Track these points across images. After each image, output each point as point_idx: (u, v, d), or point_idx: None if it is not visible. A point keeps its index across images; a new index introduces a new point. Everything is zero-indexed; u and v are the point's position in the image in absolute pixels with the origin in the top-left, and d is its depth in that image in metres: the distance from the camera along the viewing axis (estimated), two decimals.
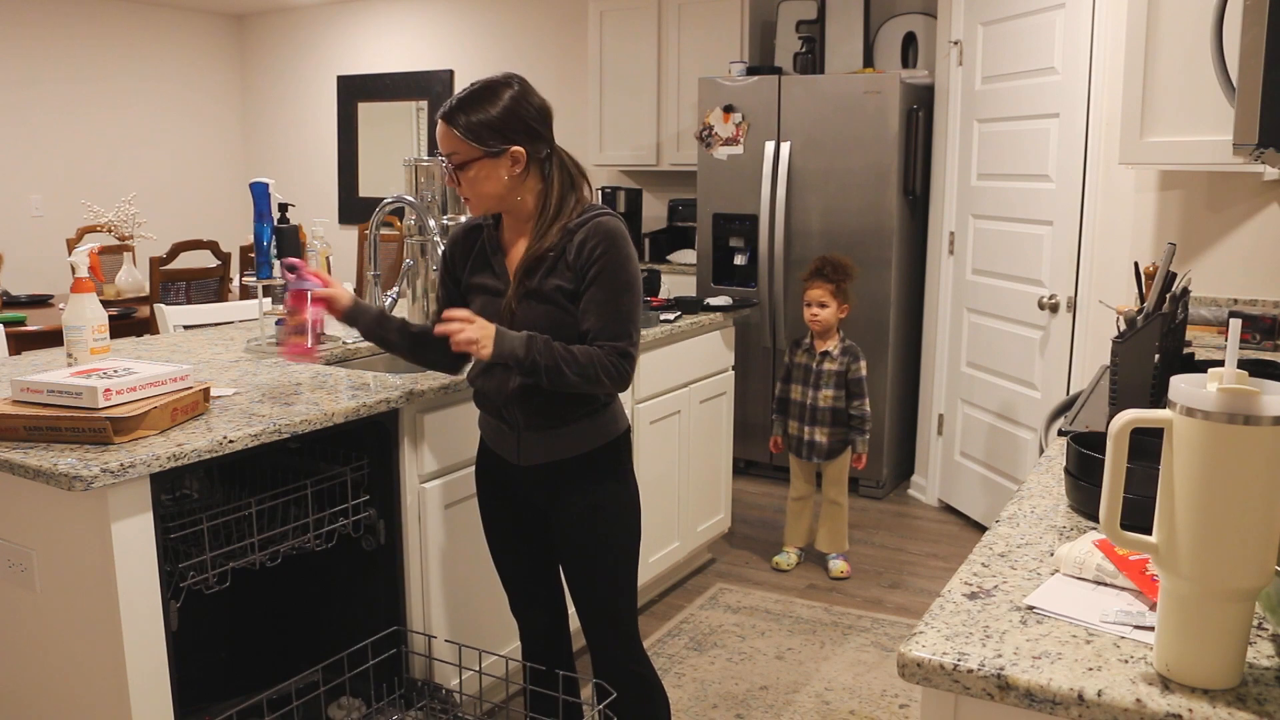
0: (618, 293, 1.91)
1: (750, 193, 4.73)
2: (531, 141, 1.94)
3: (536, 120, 1.95)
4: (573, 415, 1.98)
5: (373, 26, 7.15)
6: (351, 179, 7.39)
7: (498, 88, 1.93)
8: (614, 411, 2.05)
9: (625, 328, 1.91)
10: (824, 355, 3.64)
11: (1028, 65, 3.81)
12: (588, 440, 2.00)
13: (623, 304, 1.91)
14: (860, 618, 3.39)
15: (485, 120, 1.90)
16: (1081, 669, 1.01)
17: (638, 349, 1.94)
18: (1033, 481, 1.63)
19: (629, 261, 1.92)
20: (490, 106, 1.90)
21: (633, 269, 1.93)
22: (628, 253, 1.93)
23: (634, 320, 1.93)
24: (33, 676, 1.95)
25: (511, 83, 1.95)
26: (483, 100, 1.91)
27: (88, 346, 2.21)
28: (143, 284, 5.03)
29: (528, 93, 1.95)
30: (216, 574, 1.98)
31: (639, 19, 5.46)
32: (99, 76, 7.04)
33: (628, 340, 1.91)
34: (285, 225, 2.70)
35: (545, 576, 2.23)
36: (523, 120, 1.92)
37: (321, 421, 2.06)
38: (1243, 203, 2.94)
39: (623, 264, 1.91)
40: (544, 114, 1.97)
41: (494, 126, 1.90)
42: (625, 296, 1.91)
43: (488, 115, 1.90)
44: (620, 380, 1.91)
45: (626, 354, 1.91)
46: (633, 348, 1.92)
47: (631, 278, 1.93)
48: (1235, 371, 0.94)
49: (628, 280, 1.92)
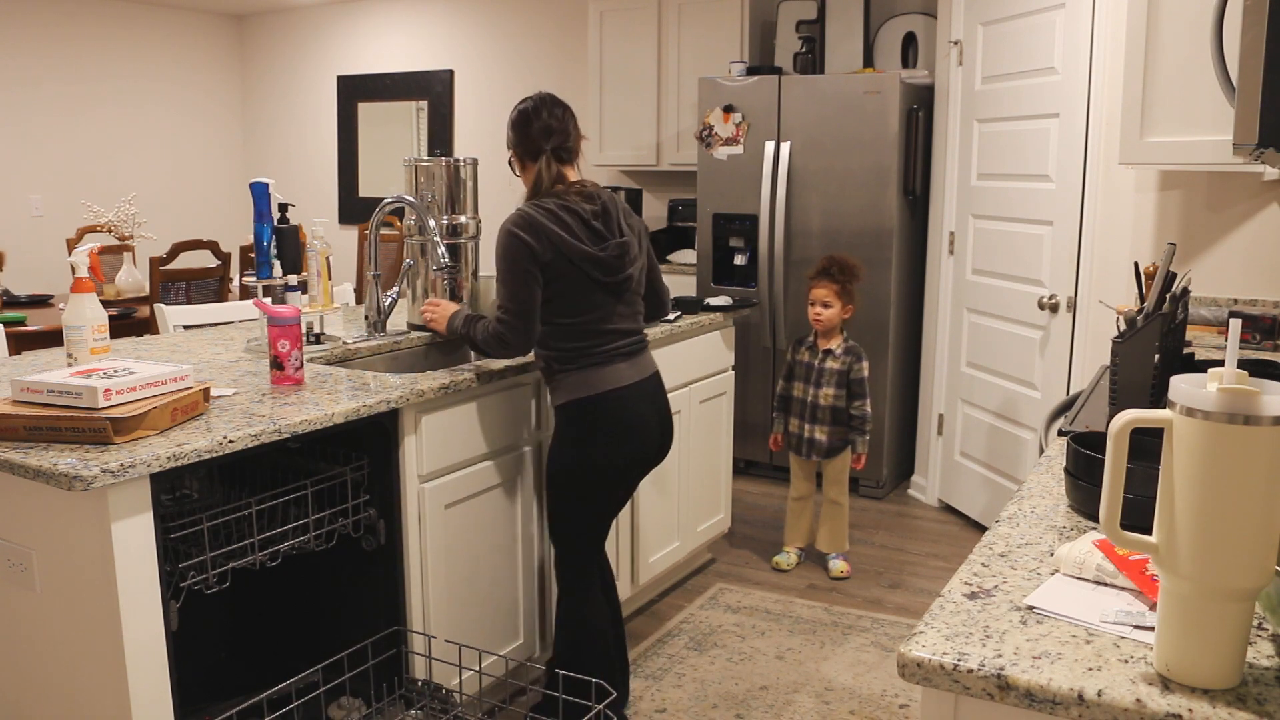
0: (498, 273, 2.41)
1: (750, 193, 4.73)
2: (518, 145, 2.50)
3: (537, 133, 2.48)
4: (545, 375, 2.52)
5: (373, 26, 7.15)
6: (351, 179, 7.39)
7: (522, 103, 2.52)
8: (569, 382, 2.42)
9: (501, 301, 2.39)
10: (827, 354, 3.64)
11: (1028, 65, 3.81)
12: (554, 396, 2.49)
13: (499, 280, 2.40)
14: (860, 618, 3.39)
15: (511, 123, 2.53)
16: (1081, 669, 1.01)
17: (514, 316, 2.36)
18: (1033, 481, 1.63)
19: (500, 246, 2.38)
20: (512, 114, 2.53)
21: (505, 254, 2.36)
22: (501, 240, 2.37)
23: (505, 293, 2.38)
24: (33, 677, 1.95)
25: (530, 100, 2.52)
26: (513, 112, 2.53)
27: (88, 346, 2.21)
28: (143, 284, 5.03)
29: (539, 109, 2.48)
30: (216, 574, 1.98)
31: (639, 19, 5.46)
32: (99, 76, 7.04)
33: (501, 310, 2.39)
34: (285, 225, 2.70)
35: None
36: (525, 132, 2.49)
37: (321, 421, 2.06)
38: (1243, 203, 2.94)
39: (498, 253, 2.38)
40: (546, 130, 2.46)
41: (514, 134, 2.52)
42: (500, 274, 2.39)
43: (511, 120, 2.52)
44: (500, 344, 2.39)
45: (501, 320, 2.38)
46: (505, 315, 2.37)
47: (501, 260, 2.38)
48: (1235, 371, 0.94)
49: (500, 263, 2.39)
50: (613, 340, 2.44)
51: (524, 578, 2.75)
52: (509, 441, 2.64)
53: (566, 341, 2.40)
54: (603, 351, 2.42)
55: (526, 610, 2.77)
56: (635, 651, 3.13)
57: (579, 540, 2.51)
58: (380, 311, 2.92)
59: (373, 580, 2.39)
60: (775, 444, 3.82)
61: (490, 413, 2.56)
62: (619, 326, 2.45)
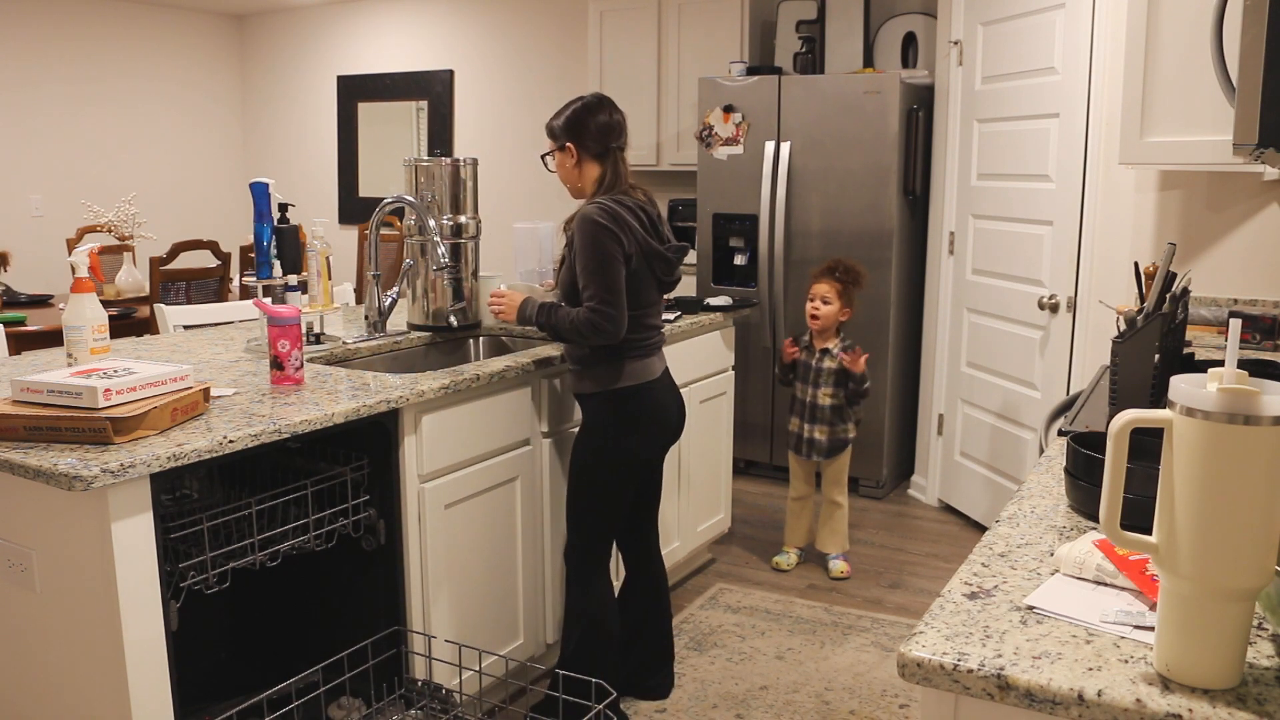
0: (585, 263, 2.41)
1: (750, 193, 4.73)
2: (583, 142, 2.53)
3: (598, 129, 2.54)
4: (583, 363, 2.54)
5: (373, 26, 7.15)
6: (351, 179, 7.39)
7: (579, 99, 2.59)
8: (612, 371, 2.49)
9: (595, 290, 2.40)
10: (824, 353, 3.64)
11: (1028, 65, 3.81)
12: (591, 384, 2.53)
13: (589, 270, 2.41)
14: (860, 618, 3.39)
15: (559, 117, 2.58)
16: (1081, 669, 1.01)
17: (611, 305, 2.39)
18: (1033, 481, 1.63)
19: (588, 237, 2.40)
20: (565, 110, 2.58)
21: (596, 244, 2.39)
22: (589, 231, 2.40)
23: (601, 282, 2.39)
24: (33, 677, 1.95)
25: (587, 97, 2.59)
26: (565, 107, 2.59)
27: (88, 346, 2.21)
28: (143, 284, 5.03)
29: (599, 108, 2.55)
30: (217, 574, 1.98)
31: (639, 19, 5.46)
32: (99, 76, 7.04)
33: (598, 299, 2.40)
34: (285, 225, 2.70)
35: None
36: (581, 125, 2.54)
37: (321, 421, 2.06)
38: (1243, 203, 2.94)
39: (587, 243, 2.40)
40: (608, 128, 2.53)
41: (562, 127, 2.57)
42: (590, 264, 2.40)
43: (564, 115, 2.57)
44: (594, 332, 2.40)
45: (596, 309, 2.40)
46: (603, 304, 2.39)
47: (592, 250, 2.39)
48: (1235, 371, 0.94)
49: (590, 252, 2.40)
50: (654, 334, 2.60)
51: (524, 578, 2.75)
52: (509, 441, 2.64)
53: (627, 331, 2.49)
54: (647, 344, 2.56)
55: (527, 610, 2.77)
56: None
57: (597, 529, 2.60)
58: (380, 311, 2.92)
59: (373, 580, 2.39)
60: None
61: (490, 413, 2.56)
62: (658, 322, 2.62)
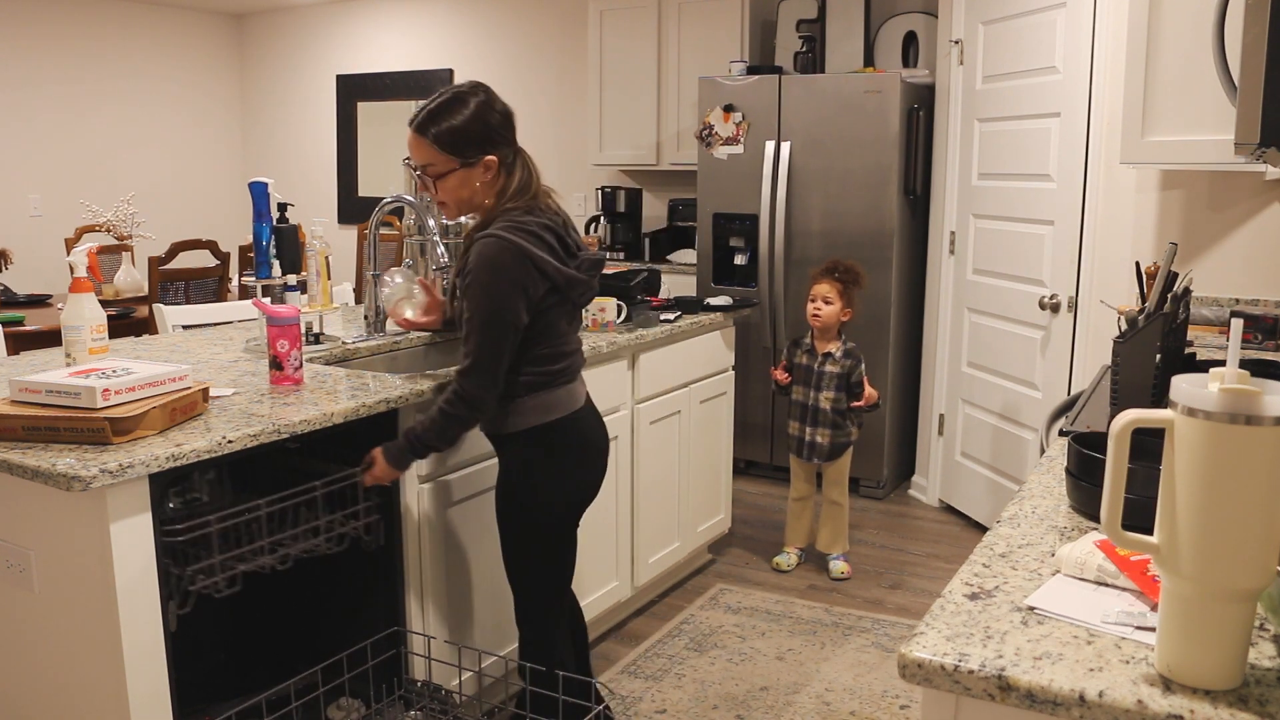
0: (475, 308, 2.03)
1: (750, 192, 4.72)
2: (499, 148, 2.10)
3: (502, 126, 2.11)
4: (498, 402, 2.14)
5: (373, 26, 7.15)
6: (351, 179, 7.39)
7: (465, 97, 2.07)
8: (531, 405, 2.13)
9: (474, 349, 2.04)
10: (826, 357, 3.63)
11: (1029, 64, 3.81)
12: (508, 423, 2.16)
13: (476, 322, 2.03)
14: (861, 618, 3.38)
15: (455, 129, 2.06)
16: (1083, 670, 1.01)
17: (486, 373, 2.04)
18: (1034, 482, 1.63)
19: (490, 285, 2.00)
20: (458, 116, 2.06)
21: (492, 294, 2.00)
22: (485, 280, 2.01)
23: (482, 343, 2.02)
24: (31, 677, 1.94)
25: (477, 91, 2.09)
26: (452, 111, 2.06)
27: (86, 346, 2.21)
28: (141, 284, 5.02)
29: (492, 100, 2.10)
30: (226, 577, 1.96)
31: (639, 18, 5.46)
32: (99, 76, 7.04)
33: (471, 362, 2.04)
34: (284, 225, 2.69)
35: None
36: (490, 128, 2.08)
37: (321, 422, 2.05)
38: (1244, 202, 2.94)
39: (482, 287, 2.01)
40: (508, 119, 2.12)
41: (469, 137, 2.06)
42: (480, 314, 2.02)
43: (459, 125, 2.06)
44: (471, 411, 2.06)
45: (465, 382, 2.05)
46: (475, 372, 2.04)
47: (486, 299, 2.01)
48: (1237, 371, 0.93)
49: (483, 300, 2.01)
50: (573, 358, 2.21)
51: None
52: None
53: (536, 365, 2.12)
54: (570, 370, 2.19)
55: None
56: (635, 652, 3.13)
57: (546, 586, 2.25)
58: (380, 312, 2.92)
59: (372, 581, 2.39)
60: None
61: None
62: (576, 344, 2.24)
